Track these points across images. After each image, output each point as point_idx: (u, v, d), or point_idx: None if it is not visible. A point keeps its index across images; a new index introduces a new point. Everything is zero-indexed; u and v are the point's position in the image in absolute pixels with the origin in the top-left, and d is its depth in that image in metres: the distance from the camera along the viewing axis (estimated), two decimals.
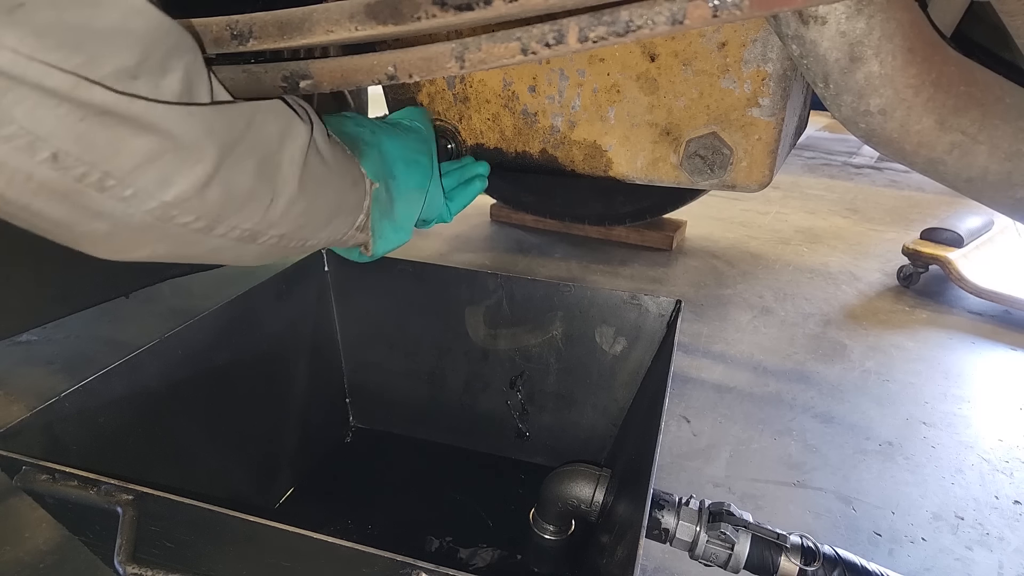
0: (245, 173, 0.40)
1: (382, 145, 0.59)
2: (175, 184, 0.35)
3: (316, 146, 0.48)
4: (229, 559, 0.51)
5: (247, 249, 0.45)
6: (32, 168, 0.31)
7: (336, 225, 0.52)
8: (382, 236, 0.59)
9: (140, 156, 0.33)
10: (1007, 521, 0.98)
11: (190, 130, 0.35)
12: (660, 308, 0.85)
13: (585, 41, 0.45)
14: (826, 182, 2.92)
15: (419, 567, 0.42)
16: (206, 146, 0.36)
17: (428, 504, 0.92)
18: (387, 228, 0.59)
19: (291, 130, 0.44)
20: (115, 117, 0.32)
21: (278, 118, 0.43)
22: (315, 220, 0.48)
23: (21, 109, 0.29)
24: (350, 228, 0.54)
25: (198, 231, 0.39)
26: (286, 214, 0.44)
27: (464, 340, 0.95)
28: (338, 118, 0.59)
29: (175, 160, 0.35)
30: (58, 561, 0.84)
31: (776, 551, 0.64)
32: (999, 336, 1.56)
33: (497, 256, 1.96)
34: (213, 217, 0.39)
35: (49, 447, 0.56)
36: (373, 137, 0.59)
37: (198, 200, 0.37)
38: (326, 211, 0.50)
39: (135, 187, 0.34)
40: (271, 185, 0.42)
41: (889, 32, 0.45)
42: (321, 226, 0.50)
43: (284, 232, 0.46)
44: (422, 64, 0.49)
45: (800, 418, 1.21)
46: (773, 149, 0.70)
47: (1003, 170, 0.50)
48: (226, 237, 0.42)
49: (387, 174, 0.58)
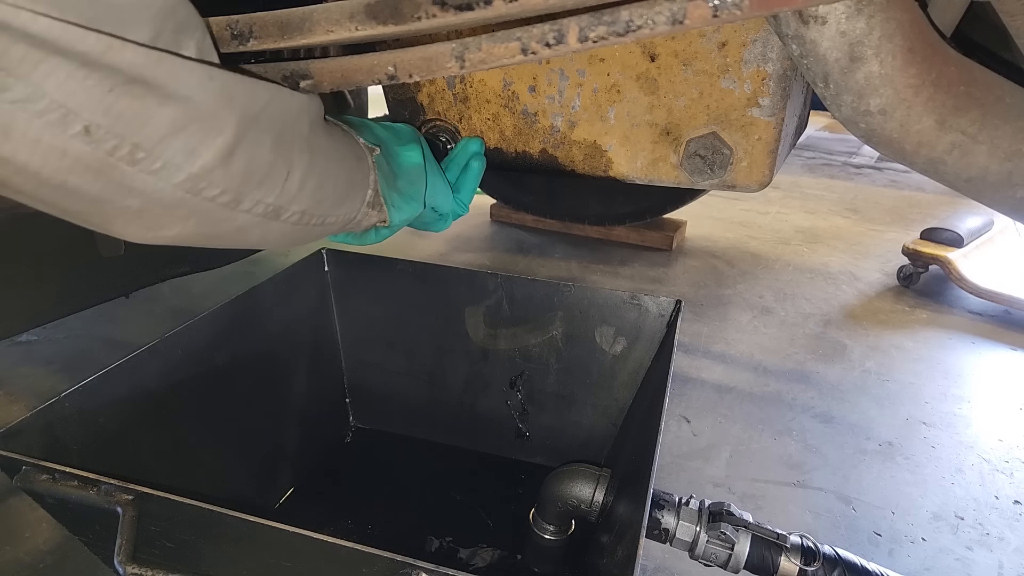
0: (264, 146, 0.41)
1: (372, 127, 0.62)
2: (200, 155, 0.36)
3: (321, 124, 0.49)
4: (229, 559, 0.51)
5: (272, 227, 0.46)
6: (66, 143, 0.31)
7: (350, 203, 0.54)
8: (394, 205, 0.60)
9: (166, 126, 0.34)
10: (1007, 521, 0.98)
11: (211, 96, 0.36)
12: (660, 308, 0.85)
13: (585, 41, 0.45)
14: (826, 182, 2.92)
15: (419, 567, 0.42)
16: (226, 116, 0.37)
17: (428, 504, 0.92)
18: (396, 198, 0.60)
19: (302, 108, 0.46)
20: (142, 86, 0.32)
21: (292, 97, 0.45)
22: (330, 195, 0.50)
23: (53, 81, 0.29)
24: (363, 204, 0.56)
25: (225, 205, 0.40)
26: (303, 188, 0.45)
27: (464, 340, 0.95)
28: None
29: (199, 131, 0.36)
30: (58, 561, 0.84)
31: (776, 551, 0.64)
32: (999, 336, 1.56)
33: (497, 256, 1.96)
34: (237, 190, 0.40)
35: (49, 447, 0.56)
36: (360, 123, 0.61)
37: (223, 171, 0.38)
38: (338, 185, 0.51)
39: (163, 158, 0.35)
40: (287, 158, 0.43)
41: (889, 32, 0.45)
42: (337, 202, 0.51)
43: (304, 208, 0.47)
44: (422, 64, 0.49)
45: (800, 418, 1.21)
46: (773, 149, 0.70)
47: (1003, 170, 0.50)
48: (252, 213, 0.43)
49: (381, 143, 0.61)
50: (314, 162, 0.46)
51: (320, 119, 0.49)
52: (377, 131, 0.62)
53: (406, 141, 0.65)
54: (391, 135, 0.64)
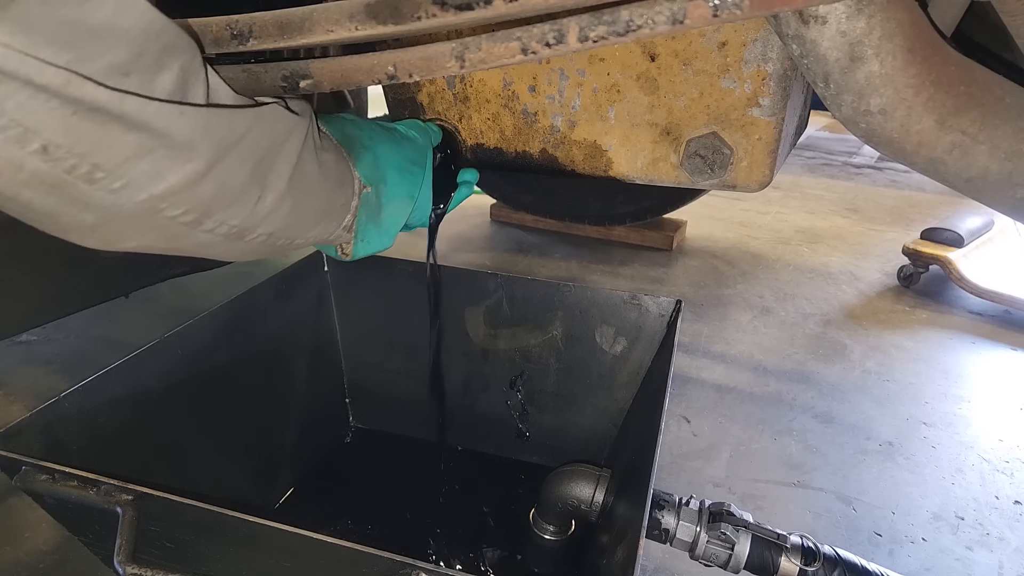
0: (239, 171, 0.40)
1: (378, 149, 0.60)
2: (166, 179, 0.36)
3: (310, 147, 0.48)
4: (229, 559, 0.51)
5: (235, 246, 0.45)
6: (22, 159, 0.31)
7: (324, 225, 0.53)
8: (365, 239, 0.59)
9: (130, 151, 0.34)
10: (1007, 521, 0.98)
11: (183, 129, 0.35)
12: (660, 308, 0.85)
13: (585, 41, 0.45)
14: (826, 182, 2.92)
15: (419, 567, 0.42)
16: (201, 145, 0.37)
17: (428, 504, 0.92)
18: (372, 232, 0.59)
19: (289, 133, 0.45)
20: (106, 114, 0.32)
21: (279, 121, 0.44)
22: (303, 219, 0.49)
23: (12, 102, 0.29)
24: (338, 228, 0.55)
25: (186, 224, 0.40)
26: (274, 212, 0.45)
27: (464, 340, 0.95)
28: (339, 120, 0.59)
29: (167, 156, 0.35)
30: (58, 561, 0.84)
31: (776, 551, 0.64)
32: (999, 336, 1.56)
33: (497, 256, 1.96)
34: (202, 211, 0.40)
35: (49, 447, 0.56)
36: (370, 141, 0.59)
37: (188, 194, 0.38)
38: (315, 211, 0.50)
39: (125, 179, 0.34)
40: (262, 183, 0.43)
41: (889, 32, 0.45)
42: (309, 225, 0.50)
43: (272, 231, 0.46)
44: (422, 64, 0.49)
45: (800, 418, 1.21)
46: (773, 149, 0.70)
47: (1003, 170, 0.50)
48: (214, 232, 0.42)
49: (379, 179, 0.59)
50: (293, 187, 0.45)
51: (312, 140, 0.48)
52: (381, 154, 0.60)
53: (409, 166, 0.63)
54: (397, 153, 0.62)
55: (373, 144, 0.59)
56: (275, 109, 0.44)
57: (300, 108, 0.48)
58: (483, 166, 0.84)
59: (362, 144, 0.58)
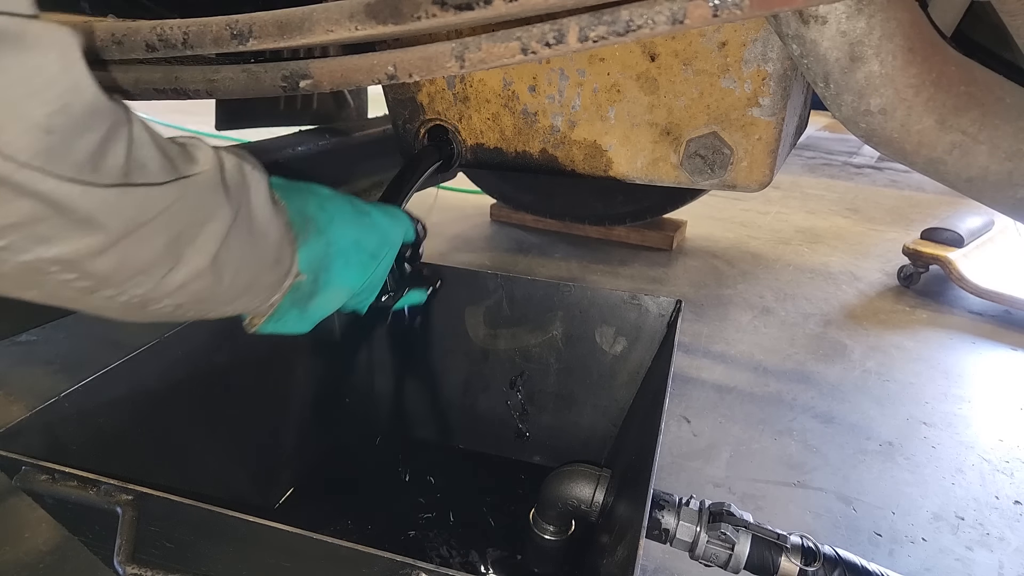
0: (149, 248, 0.37)
1: (334, 235, 0.55)
2: (56, 246, 0.33)
3: (244, 224, 0.44)
4: (229, 559, 0.51)
5: (136, 313, 0.41)
6: None
7: (244, 302, 0.49)
8: (280, 320, 0.54)
9: (19, 216, 0.31)
10: (1007, 521, 0.98)
11: (85, 205, 0.33)
12: (660, 308, 0.85)
13: (585, 41, 0.45)
14: (826, 182, 2.92)
15: (419, 567, 0.42)
16: (105, 221, 0.34)
17: (428, 504, 0.92)
18: (292, 316, 0.54)
19: (218, 209, 0.41)
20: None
21: (209, 196, 0.40)
22: (219, 296, 0.45)
23: None
24: (259, 306, 0.51)
25: (80, 290, 0.37)
26: (185, 287, 0.41)
27: (464, 340, 0.95)
28: (304, 193, 0.54)
29: (62, 226, 0.33)
30: (58, 561, 0.84)
31: (776, 551, 0.64)
32: (999, 336, 1.56)
33: (497, 256, 1.96)
34: (99, 281, 0.36)
35: (49, 447, 0.56)
36: (329, 225, 0.54)
37: (85, 264, 0.35)
38: (236, 288, 0.46)
39: (7, 240, 0.32)
40: (176, 255, 0.39)
41: (889, 32, 0.45)
42: (225, 301, 0.46)
43: (181, 303, 0.42)
44: (422, 64, 0.49)
45: (800, 418, 1.21)
46: (773, 149, 0.70)
47: (1003, 170, 0.50)
48: (113, 300, 0.38)
49: (323, 267, 0.54)
50: (214, 264, 0.41)
51: (249, 216, 0.44)
52: (336, 241, 0.54)
53: (366, 257, 0.58)
54: (355, 243, 0.57)
55: (331, 229, 0.54)
56: (207, 183, 0.40)
57: (249, 176, 0.45)
58: (483, 166, 0.84)
59: (318, 228, 0.53)
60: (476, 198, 2.33)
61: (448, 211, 2.28)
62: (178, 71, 0.58)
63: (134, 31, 0.52)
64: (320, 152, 1.26)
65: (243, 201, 0.44)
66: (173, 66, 0.59)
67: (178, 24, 0.51)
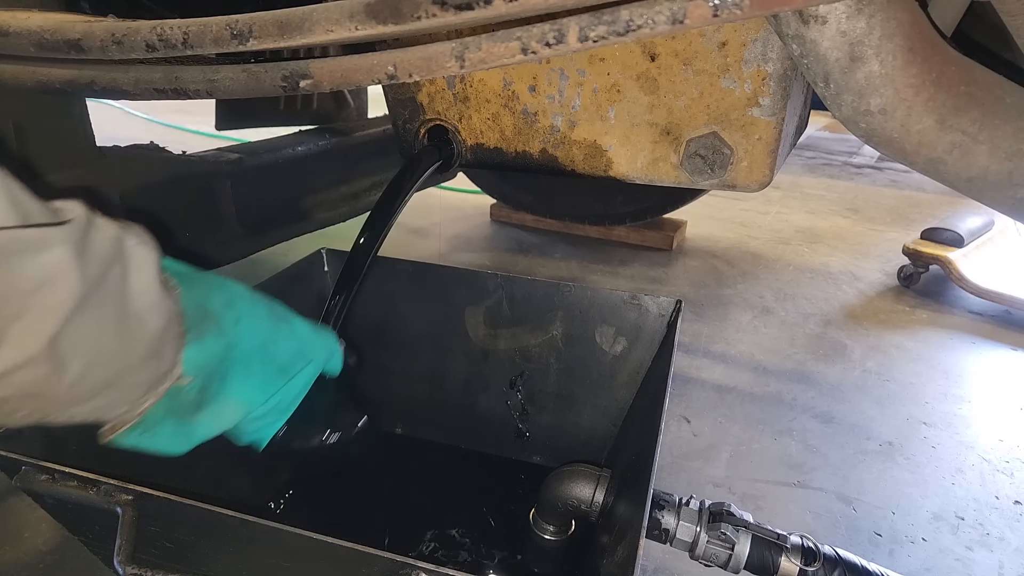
0: None
1: (236, 338, 0.46)
2: None
3: (116, 304, 0.36)
4: (229, 559, 0.51)
5: None
6: None
7: (101, 403, 0.39)
8: (149, 432, 0.44)
9: None
10: (1007, 521, 0.98)
11: None
12: (660, 308, 0.85)
13: (585, 40, 0.45)
14: (826, 182, 2.92)
15: (419, 567, 0.42)
16: None
17: (428, 504, 0.92)
18: (166, 430, 0.44)
19: (60, 280, 0.33)
20: None
21: (47, 262, 0.32)
22: (64, 394, 0.35)
23: None
24: (123, 411, 0.42)
25: None
26: (8, 377, 0.32)
27: (464, 340, 0.95)
28: (211, 286, 0.46)
29: None
30: (58, 561, 0.84)
31: (776, 551, 0.64)
32: (999, 336, 1.56)
33: (497, 256, 1.96)
34: None
35: (49, 447, 0.56)
36: (233, 327, 0.46)
37: None
38: (88, 386, 0.37)
39: None
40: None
41: (889, 32, 0.45)
42: (73, 400, 0.37)
43: (4, 397, 0.34)
44: (422, 64, 0.49)
45: (800, 418, 1.21)
46: (773, 149, 0.70)
47: (1004, 170, 0.50)
48: None
49: (216, 374, 0.45)
50: (53, 348, 0.33)
51: (117, 293, 0.36)
52: (240, 345, 0.46)
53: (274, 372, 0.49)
54: (262, 352, 0.48)
55: (235, 331, 0.46)
56: (52, 240, 0.32)
57: (131, 251, 0.38)
58: (483, 166, 0.84)
59: (218, 327, 0.45)
60: (476, 198, 2.33)
61: (448, 211, 2.28)
62: (178, 71, 0.58)
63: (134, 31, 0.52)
64: (320, 152, 1.26)
65: (110, 277, 0.36)
66: (173, 66, 0.59)
67: (178, 24, 0.51)
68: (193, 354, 0.43)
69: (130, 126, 3.59)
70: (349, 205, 1.33)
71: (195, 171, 1.00)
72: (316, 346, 0.55)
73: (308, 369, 0.53)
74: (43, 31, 0.54)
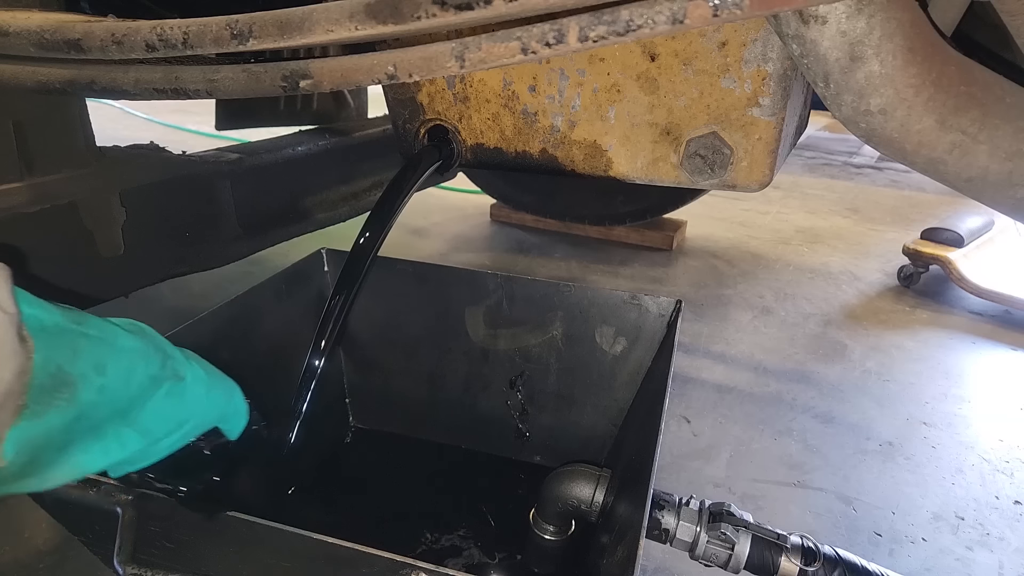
0: None
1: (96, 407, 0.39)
2: None
3: None
4: (229, 559, 0.51)
5: None
6: None
7: None
8: None
9: None
10: (1007, 521, 0.98)
11: None
12: (660, 308, 0.85)
13: (585, 40, 0.45)
14: (826, 182, 2.92)
15: (419, 567, 0.42)
16: None
17: (428, 504, 0.92)
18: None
19: None
20: None
21: None
22: None
23: None
24: None
25: None
26: None
27: (464, 340, 0.95)
28: (75, 347, 0.38)
29: None
30: (58, 561, 0.84)
31: (776, 551, 0.64)
32: (999, 336, 1.56)
33: (497, 256, 1.96)
34: None
35: None
36: (96, 395, 0.38)
37: None
38: None
39: None
40: None
41: (890, 32, 0.45)
42: None
43: None
44: (422, 63, 0.49)
45: (800, 418, 1.21)
46: (773, 149, 0.70)
47: (1004, 170, 0.50)
48: None
49: (54, 444, 0.37)
50: None
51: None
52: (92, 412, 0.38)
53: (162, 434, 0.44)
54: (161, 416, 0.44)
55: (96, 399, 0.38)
56: None
57: None
58: (483, 166, 0.84)
59: (72, 396, 0.37)
60: (476, 198, 2.33)
61: (448, 211, 2.28)
62: (178, 71, 0.58)
63: (134, 31, 0.52)
64: (320, 152, 1.26)
65: None
66: (173, 66, 0.59)
67: (178, 24, 0.51)
68: (23, 433, 0.34)
69: (130, 126, 3.59)
70: (349, 205, 1.33)
71: (195, 171, 1.00)
72: (202, 410, 0.50)
73: (184, 430, 0.48)
74: (43, 31, 0.54)
